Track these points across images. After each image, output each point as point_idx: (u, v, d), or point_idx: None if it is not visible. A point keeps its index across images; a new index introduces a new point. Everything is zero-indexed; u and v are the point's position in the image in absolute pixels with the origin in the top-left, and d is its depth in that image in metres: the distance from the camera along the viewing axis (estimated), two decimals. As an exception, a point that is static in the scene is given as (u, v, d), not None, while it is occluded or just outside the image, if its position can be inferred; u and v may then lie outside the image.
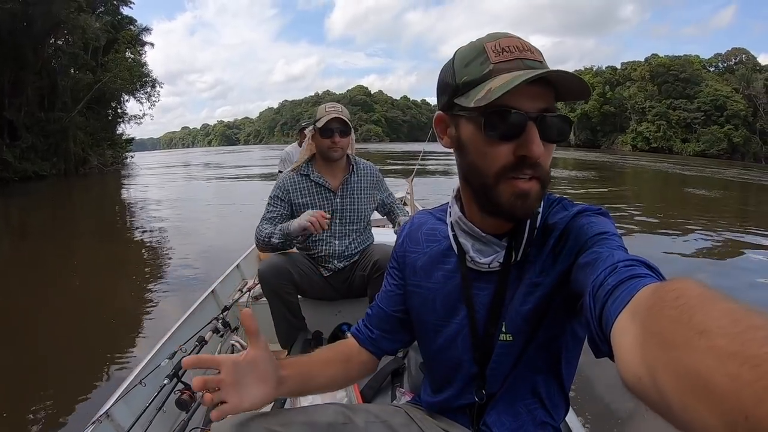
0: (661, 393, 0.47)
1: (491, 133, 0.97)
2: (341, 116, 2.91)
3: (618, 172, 34.96)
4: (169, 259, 8.36)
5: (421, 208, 5.66)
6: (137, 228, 11.96)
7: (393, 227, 3.42)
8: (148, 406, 2.11)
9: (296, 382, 1.19)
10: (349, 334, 2.81)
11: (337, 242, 3.08)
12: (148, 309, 5.85)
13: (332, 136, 2.93)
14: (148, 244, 9.83)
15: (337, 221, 3.06)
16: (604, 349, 0.75)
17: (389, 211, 3.39)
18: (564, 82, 0.94)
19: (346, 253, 3.09)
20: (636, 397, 0.55)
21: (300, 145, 7.12)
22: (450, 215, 1.24)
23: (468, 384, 1.25)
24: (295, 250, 3.14)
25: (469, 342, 1.21)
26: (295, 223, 2.81)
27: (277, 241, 2.90)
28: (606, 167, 38.71)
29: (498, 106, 0.94)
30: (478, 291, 1.19)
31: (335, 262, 3.08)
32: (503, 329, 1.15)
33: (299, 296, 3.05)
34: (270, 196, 3.10)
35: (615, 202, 16.54)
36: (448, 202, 1.27)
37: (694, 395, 0.41)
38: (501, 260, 1.13)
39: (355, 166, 3.15)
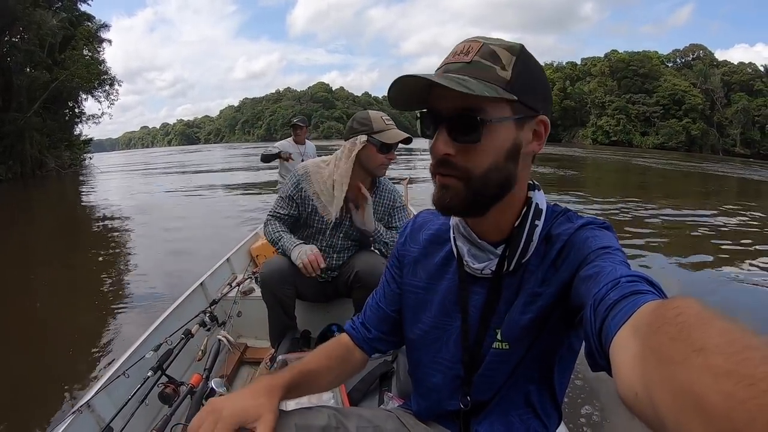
0: (657, 410, 0.47)
1: (422, 134, 1.08)
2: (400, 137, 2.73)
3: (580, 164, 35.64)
4: (135, 268, 8.12)
5: (415, 212, 5.62)
6: (101, 235, 11.62)
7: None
8: (130, 399, 2.04)
9: (292, 394, 1.17)
10: (337, 335, 2.74)
11: (335, 255, 2.99)
12: (113, 320, 5.67)
13: (389, 152, 2.77)
14: (114, 252, 9.52)
15: (341, 235, 2.94)
16: (602, 363, 0.76)
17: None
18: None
19: (339, 265, 3.02)
20: (632, 413, 0.55)
21: (295, 140, 6.91)
22: (453, 218, 1.24)
23: (455, 389, 1.24)
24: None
25: (460, 345, 1.21)
26: (294, 254, 2.73)
27: (279, 249, 2.86)
28: (567, 160, 39.38)
29: (428, 108, 1.04)
30: (473, 295, 1.19)
31: (329, 272, 3.02)
32: (499, 337, 1.15)
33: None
34: (282, 193, 2.96)
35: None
36: None
37: (688, 412, 0.41)
38: (493, 268, 1.14)
39: (377, 188, 2.97)
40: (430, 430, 1.30)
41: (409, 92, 1.03)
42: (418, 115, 1.07)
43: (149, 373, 2.15)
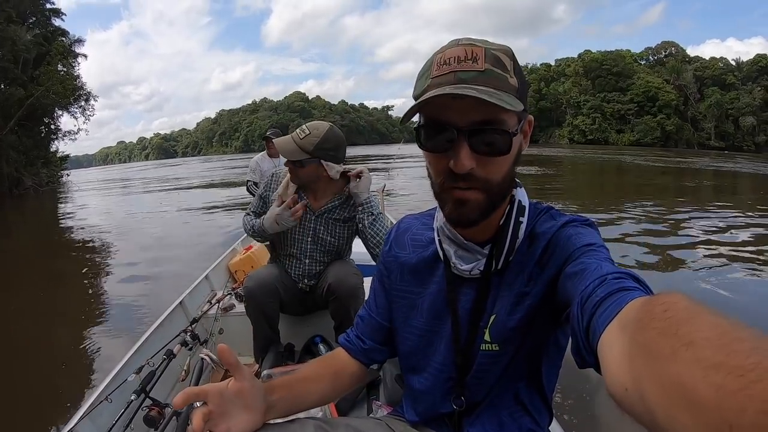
0: (647, 404, 0.47)
1: (425, 146, 1.01)
2: (284, 154, 2.73)
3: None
4: (115, 288, 7.98)
5: (392, 220, 5.56)
6: (80, 254, 11.45)
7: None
8: (114, 424, 2.00)
9: (286, 406, 1.16)
10: (321, 346, 2.74)
11: (307, 261, 2.97)
12: (94, 342, 5.54)
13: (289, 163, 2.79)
14: (93, 272, 9.36)
15: (309, 240, 2.94)
16: (589, 360, 0.75)
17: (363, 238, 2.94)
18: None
19: (314, 273, 2.99)
20: (622, 409, 0.55)
21: (269, 154, 7.07)
22: (436, 220, 1.23)
23: (448, 392, 1.23)
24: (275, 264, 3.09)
25: (452, 348, 1.20)
26: (268, 222, 2.81)
27: (257, 232, 2.96)
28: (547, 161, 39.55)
29: (428, 120, 0.99)
30: (461, 297, 1.18)
31: (305, 280, 2.99)
32: (488, 339, 1.14)
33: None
34: (258, 193, 3.11)
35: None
36: (435, 207, 1.23)
37: (679, 406, 0.41)
38: (481, 268, 1.13)
39: (344, 198, 2.92)
40: None
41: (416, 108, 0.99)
42: (414, 127, 1.04)
43: (132, 397, 2.13)
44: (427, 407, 1.29)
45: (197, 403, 1.04)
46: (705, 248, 8.86)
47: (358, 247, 3.07)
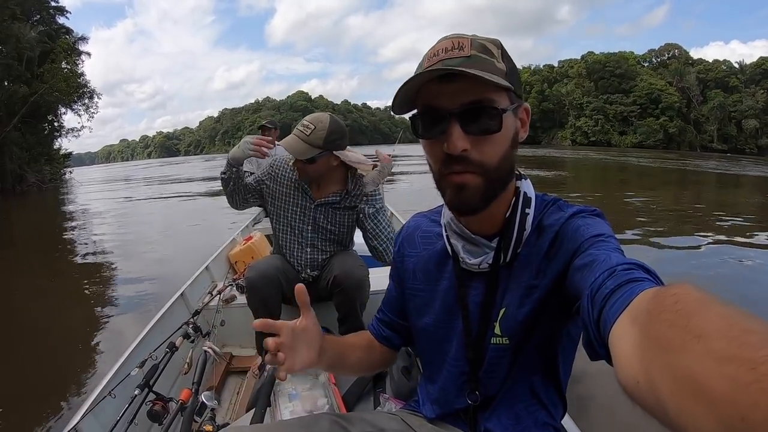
0: (658, 397, 0.47)
1: (421, 134, 1.04)
2: (296, 154, 2.72)
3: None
4: (119, 280, 8.06)
5: (397, 215, 5.45)
6: (85, 250, 11.45)
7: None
8: (119, 420, 1.98)
9: (332, 356, 1.25)
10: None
11: (309, 250, 2.96)
12: (97, 335, 5.59)
13: (297, 161, 2.78)
14: (98, 267, 9.41)
15: (310, 228, 2.93)
16: (601, 352, 0.76)
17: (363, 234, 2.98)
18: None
19: (317, 263, 2.98)
20: (633, 401, 0.54)
21: None
22: (444, 216, 1.25)
23: (462, 386, 1.24)
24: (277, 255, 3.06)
25: (463, 343, 1.21)
26: (234, 146, 2.85)
27: (225, 176, 2.92)
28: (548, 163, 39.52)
29: (422, 107, 1.02)
30: (472, 291, 1.19)
31: (308, 270, 2.97)
32: (499, 332, 1.15)
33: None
34: (257, 175, 3.06)
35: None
36: (443, 204, 1.24)
37: (691, 398, 0.41)
38: (490, 261, 1.14)
39: (350, 190, 2.90)
40: (438, 429, 1.31)
41: (403, 94, 1.01)
42: (410, 117, 1.07)
43: (136, 391, 2.10)
44: (442, 402, 1.30)
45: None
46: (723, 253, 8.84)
47: (360, 238, 3.05)
